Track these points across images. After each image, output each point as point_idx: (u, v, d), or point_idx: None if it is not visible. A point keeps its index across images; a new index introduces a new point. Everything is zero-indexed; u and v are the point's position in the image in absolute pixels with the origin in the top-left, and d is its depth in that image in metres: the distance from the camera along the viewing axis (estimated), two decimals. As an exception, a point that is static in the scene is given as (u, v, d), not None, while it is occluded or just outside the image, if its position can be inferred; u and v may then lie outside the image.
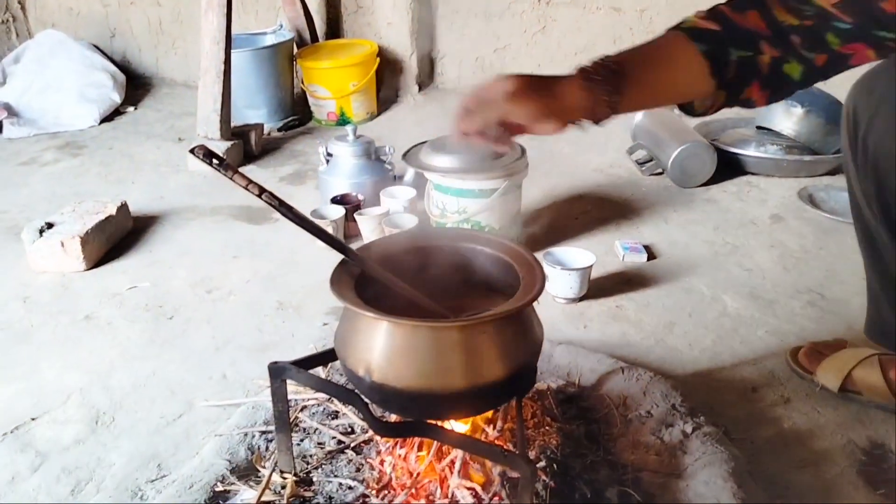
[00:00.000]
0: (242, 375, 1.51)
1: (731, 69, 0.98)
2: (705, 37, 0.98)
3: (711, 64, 0.97)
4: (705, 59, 0.97)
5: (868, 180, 1.23)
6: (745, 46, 0.98)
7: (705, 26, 0.99)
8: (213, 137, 2.70)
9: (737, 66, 0.98)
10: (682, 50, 0.99)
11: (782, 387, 1.46)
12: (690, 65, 0.98)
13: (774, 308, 1.74)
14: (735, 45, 0.98)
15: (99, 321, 1.73)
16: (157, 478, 1.23)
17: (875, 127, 1.18)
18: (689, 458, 1.18)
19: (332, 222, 2.03)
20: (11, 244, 2.09)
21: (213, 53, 2.63)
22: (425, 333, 0.90)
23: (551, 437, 1.15)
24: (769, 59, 0.98)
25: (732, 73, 0.99)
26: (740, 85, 1.01)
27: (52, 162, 2.85)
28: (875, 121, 1.18)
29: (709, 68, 0.97)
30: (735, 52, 0.97)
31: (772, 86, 1.01)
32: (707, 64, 0.97)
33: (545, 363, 1.44)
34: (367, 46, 3.26)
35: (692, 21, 1.00)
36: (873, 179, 1.21)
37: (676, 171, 2.43)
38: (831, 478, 1.22)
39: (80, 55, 3.51)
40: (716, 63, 0.98)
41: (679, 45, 0.99)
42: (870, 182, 1.22)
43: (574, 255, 1.80)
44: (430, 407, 0.93)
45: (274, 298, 1.82)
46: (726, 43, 0.97)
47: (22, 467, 1.27)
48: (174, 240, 2.16)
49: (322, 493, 1.09)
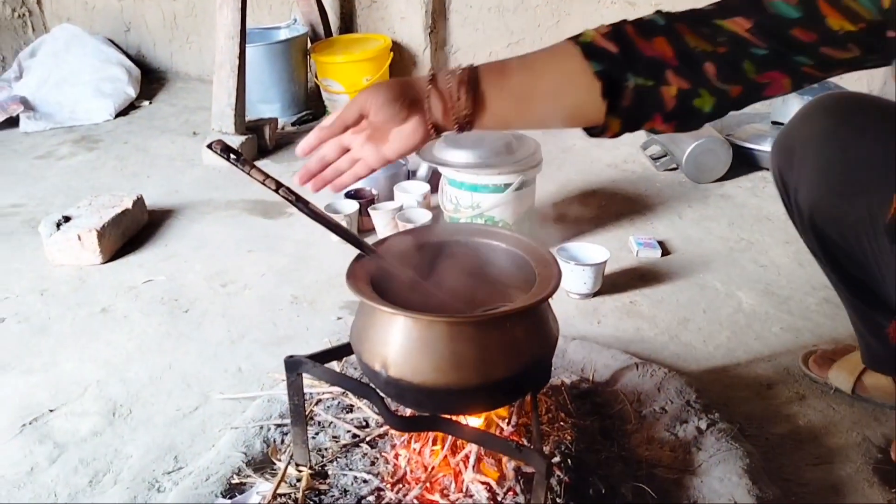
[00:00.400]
0: (257, 369, 1.52)
1: (627, 96, 0.89)
2: (601, 56, 0.89)
3: (604, 85, 0.88)
4: (598, 79, 0.88)
5: (810, 238, 1.23)
6: (647, 74, 0.88)
7: (603, 45, 0.89)
8: (228, 132, 2.71)
9: (634, 95, 0.89)
10: (572, 64, 0.89)
11: (797, 384, 1.45)
12: (579, 82, 0.89)
13: (789, 304, 1.73)
14: (634, 70, 0.88)
15: (115, 314, 1.75)
16: (174, 469, 1.25)
17: (802, 188, 1.17)
18: (704, 454, 1.18)
19: (346, 217, 2.04)
20: (29, 237, 2.11)
21: (227, 48, 2.63)
22: (441, 328, 0.90)
23: (566, 432, 1.15)
24: (676, 92, 0.89)
25: (629, 101, 0.89)
26: (639, 116, 0.92)
27: (69, 156, 2.87)
28: (800, 182, 1.17)
29: (601, 89, 0.88)
30: (633, 78, 0.88)
31: (678, 119, 0.92)
32: (600, 85, 0.88)
33: (559, 359, 1.44)
34: (381, 41, 3.26)
35: (591, 35, 0.91)
36: (814, 237, 1.21)
37: (691, 166, 2.42)
38: (846, 475, 1.22)
39: (96, 49, 3.53)
40: (609, 85, 0.88)
41: (570, 59, 0.90)
42: (812, 240, 1.22)
43: (588, 250, 1.80)
44: (446, 401, 0.93)
45: (288, 292, 1.83)
46: (625, 67, 0.88)
47: (40, 458, 1.29)
48: (189, 234, 2.18)
49: (337, 486, 1.10)
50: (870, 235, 1.09)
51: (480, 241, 1.10)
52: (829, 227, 1.15)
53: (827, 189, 1.13)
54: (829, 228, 1.16)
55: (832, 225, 1.15)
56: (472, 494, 1.03)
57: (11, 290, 1.86)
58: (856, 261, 1.16)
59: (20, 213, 2.33)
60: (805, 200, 1.17)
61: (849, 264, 1.19)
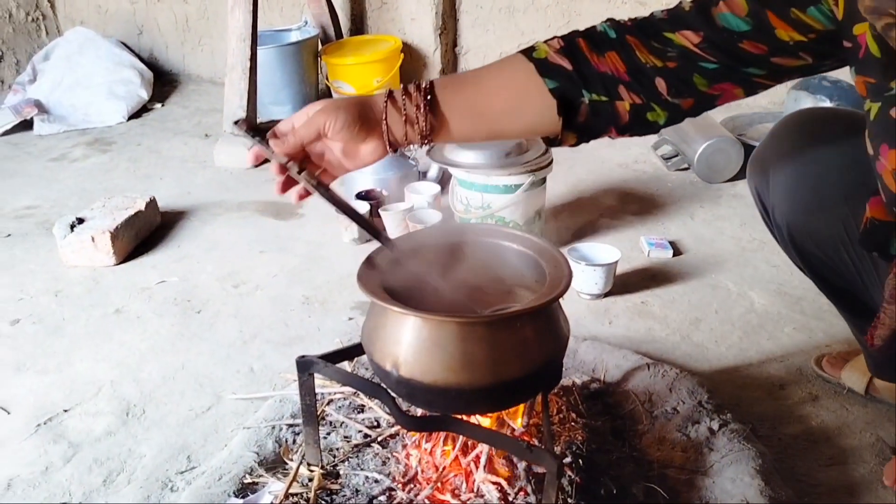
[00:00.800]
0: (269, 369, 1.53)
1: (583, 112, 0.91)
2: (556, 73, 0.90)
3: (560, 103, 0.90)
4: (553, 97, 0.90)
5: (792, 254, 1.23)
6: (601, 91, 0.90)
7: (557, 62, 0.90)
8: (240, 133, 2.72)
9: (589, 110, 0.91)
10: (526, 82, 0.91)
11: (810, 384, 1.44)
12: (534, 100, 0.91)
13: (802, 305, 1.72)
14: (589, 87, 0.90)
15: (129, 315, 1.76)
16: (187, 469, 1.25)
17: (777, 206, 1.18)
18: (716, 455, 1.18)
19: (357, 218, 2.04)
20: (43, 239, 2.13)
21: (239, 50, 2.65)
22: (453, 328, 0.90)
23: (577, 432, 1.15)
24: (629, 107, 0.91)
25: (584, 117, 0.92)
26: (595, 130, 0.95)
27: (82, 158, 2.89)
28: (775, 200, 1.17)
29: (556, 107, 0.90)
30: (588, 94, 0.90)
31: (633, 130, 0.95)
32: (555, 103, 0.90)
33: (571, 359, 1.44)
34: (391, 42, 3.27)
35: (544, 51, 0.92)
36: (795, 253, 1.21)
37: (702, 166, 2.41)
38: (860, 476, 1.21)
39: (109, 52, 3.55)
40: (565, 103, 0.90)
41: (523, 75, 0.91)
42: (794, 255, 1.22)
43: (599, 250, 1.80)
44: (457, 401, 0.93)
45: (300, 293, 1.84)
46: (579, 84, 0.90)
47: (55, 458, 1.30)
48: (201, 235, 2.19)
49: (349, 486, 1.10)
50: (847, 246, 1.10)
51: (491, 242, 1.10)
52: (807, 243, 1.16)
53: (801, 206, 1.14)
54: (808, 244, 1.16)
55: (809, 240, 1.16)
56: (484, 494, 1.03)
57: (26, 292, 1.88)
58: (838, 272, 1.17)
59: (34, 215, 2.35)
60: (781, 218, 1.17)
61: (832, 276, 1.20)
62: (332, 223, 2.17)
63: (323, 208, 2.31)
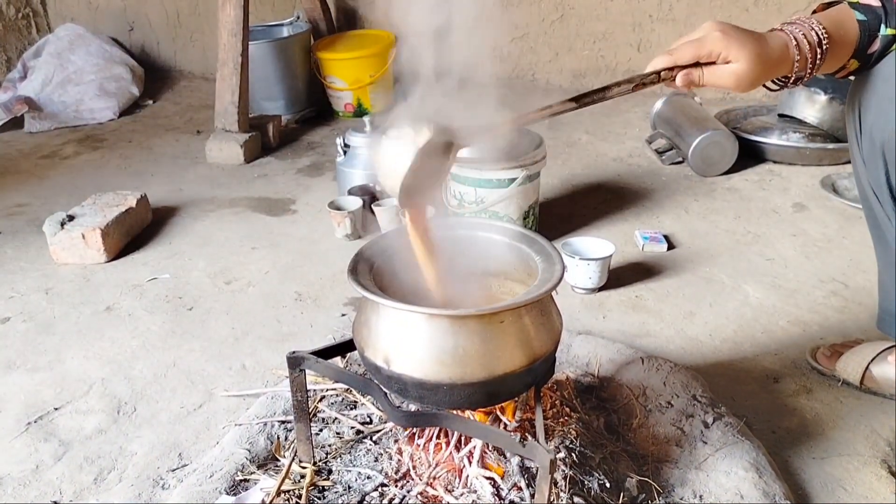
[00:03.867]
0: (262, 366, 1.52)
1: (875, 44, 1.03)
2: (864, 9, 1.03)
3: (861, 34, 1.02)
4: (858, 28, 1.02)
5: (878, 168, 1.20)
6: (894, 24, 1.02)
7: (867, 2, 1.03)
8: (231, 129, 2.71)
9: (881, 43, 1.03)
10: (850, 17, 1.03)
11: (804, 377, 1.44)
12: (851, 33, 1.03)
13: (796, 298, 1.72)
14: (887, 21, 1.02)
15: (120, 312, 1.75)
16: (178, 467, 1.24)
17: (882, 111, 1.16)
18: (710, 448, 1.17)
19: (349, 213, 2.03)
20: (33, 237, 2.12)
21: (230, 45, 2.64)
22: (444, 323, 0.90)
23: (570, 427, 1.14)
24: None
25: (874, 48, 1.04)
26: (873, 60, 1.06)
27: (73, 155, 2.87)
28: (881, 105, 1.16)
29: (857, 38, 1.02)
30: (885, 28, 1.02)
31: None
32: (858, 33, 1.02)
33: (564, 353, 1.44)
34: (384, 37, 3.25)
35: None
36: (882, 164, 1.19)
37: (697, 159, 2.41)
38: (854, 468, 1.21)
39: (100, 49, 3.54)
40: (865, 34, 1.03)
41: (848, 12, 1.03)
42: (880, 170, 1.20)
43: (593, 244, 1.79)
44: (449, 396, 0.93)
45: (292, 289, 1.83)
46: (881, 18, 1.02)
47: (45, 456, 1.29)
48: (193, 231, 2.18)
49: (341, 482, 1.10)
50: None
51: (483, 236, 1.10)
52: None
53: None
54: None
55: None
56: (476, 490, 1.02)
57: (16, 289, 1.86)
58: None
59: (25, 213, 2.33)
60: (881, 128, 1.16)
61: None
62: (324, 219, 2.16)
63: (315, 204, 2.32)
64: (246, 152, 2.70)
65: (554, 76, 3.46)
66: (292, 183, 2.54)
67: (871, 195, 1.23)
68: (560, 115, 0.99)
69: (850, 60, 1.05)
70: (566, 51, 3.39)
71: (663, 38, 3.19)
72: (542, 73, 3.47)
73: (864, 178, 1.23)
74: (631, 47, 3.30)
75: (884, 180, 1.19)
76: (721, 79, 1.00)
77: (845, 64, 1.06)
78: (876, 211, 1.24)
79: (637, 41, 3.28)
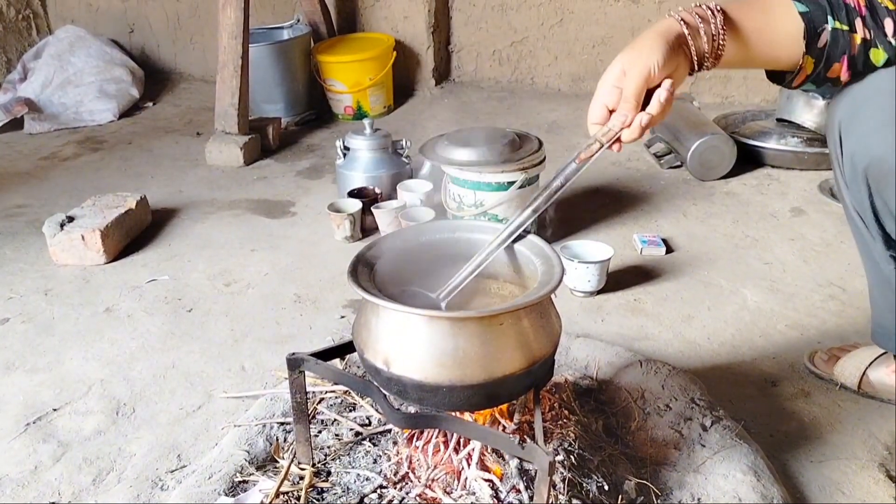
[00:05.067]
0: (261, 367, 1.52)
1: (823, 38, 0.98)
2: (806, 1, 0.98)
3: (807, 27, 0.97)
4: (802, 20, 0.97)
5: (861, 192, 1.18)
6: (843, 20, 0.98)
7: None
8: (231, 131, 2.72)
9: (830, 37, 0.98)
10: (779, 4, 0.99)
11: (802, 381, 1.44)
12: (787, 22, 0.98)
13: (794, 301, 1.72)
14: (834, 15, 0.98)
15: (119, 313, 1.75)
16: (177, 468, 1.25)
17: (862, 135, 1.14)
18: (708, 451, 1.18)
19: (349, 215, 2.04)
20: (33, 238, 2.12)
21: (230, 48, 2.64)
22: (443, 325, 0.90)
23: (569, 429, 1.15)
24: (860, 40, 0.98)
25: (823, 42, 0.99)
26: (830, 58, 1.00)
27: (73, 157, 2.88)
28: (861, 129, 1.14)
29: (804, 30, 0.98)
30: (832, 21, 0.98)
31: (855, 68, 1.01)
32: (803, 26, 0.97)
33: (563, 356, 1.44)
34: (384, 40, 3.26)
35: None
36: (865, 187, 1.17)
37: (695, 163, 2.42)
38: (852, 472, 1.21)
39: (100, 51, 3.54)
40: (811, 27, 0.98)
41: (781, 1, 0.99)
42: (863, 193, 1.18)
43: (592, 248, 1.79)
44: (448, 398, 0.93)
45: (291, 291, 1.83)
46: (825, 11, 0.98)
47: (44, 457, 1.29)
48: (193, 233, 2.18)
49: (340, 483, 1.10)
50: None
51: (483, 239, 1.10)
52: (883, 182, 1.12)
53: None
54: (883, 183, 1.12)
55: (886, 180, 1.12)
56: (475, 492, 1.02)
57: (16, 290, 1.86)
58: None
59: (25, 214, 2.33)
60: (863, 149, 1.13)
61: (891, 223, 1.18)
62: (324, 222, 2.16)
63: (315, 206, 2.32)
64: (246, 154, 2.70)
65: (553, 80, 3.46)
66: (292, 185, 2.54)
67: (856, 216, 1.23)
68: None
69: (805, 57, 1.00)
70: (565, 55, 3.39)
71: (662, 43, 3.19)
72: (542, 77, 3.48)
73: (848, 200, 1.23)
74: (630, 51, 3.30)
75: (868, 204, 1.19)
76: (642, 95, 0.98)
77: (802, 63, 1.01)
78: (861, 231, 1.24)
79: (636, 45, 3.29)
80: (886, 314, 1.29)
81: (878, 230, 1.20)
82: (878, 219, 1.18)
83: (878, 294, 1.30)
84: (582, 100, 3.26)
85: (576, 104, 3.22)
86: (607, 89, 1.00)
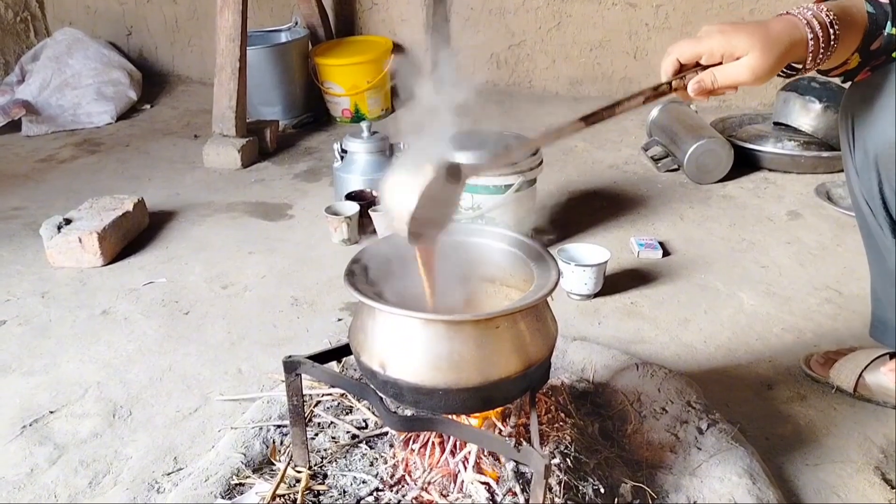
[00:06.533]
0: (257, 370, 1.52)
1: (878, 41, 1.01)
2: (874, 3, 1.00)
3: (869, 27, 1.00)
4: (868, 21, 1.00)
5: (871, 179, 1.20)
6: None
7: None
8: (229, 134, 2.72)
9: (884, 41, 1.01)
10: (857, 4, 1.00)
11: (798, 384, 1.45)
12: (860, 20, 1.00)
13: (791, 305, 1.73)
14: (893, 21, 1.00)
15: (116, 316, 1.75)
16: (174, 471, 1.25)
17: (873, 126, 1.16)
18: (704, 454, 1.18)
19: (346, 218, 2.04)
20: (30, 240, 2.12)
21: (228, 50, 2.64)
22: (439, 328, 0.90)
23: (565, 432, 1.15)
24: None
25: (877, 45, 1.01)
26: (873, 58, 1.03)
27: (70, 159, 2.87)
28: (872, 120, 1.16)
29: (866, 28, 1.00)
30: (890, 27, 1.00)
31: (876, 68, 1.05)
32: (867, 25, 1.00)
33: (559, 359, 1.44)
34: (382, 43, 3.26)
35: None
36: (875, 174, 1.19)
37: (692, 167, 2.42)
38: (847, 475, 1.21)
39: (98, 53, 3.54)
40: (872, 28, 1.00)
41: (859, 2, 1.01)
42: (873, 181, 1.20)
43: (589, 251, 1.80)
44: (444, 401, 0.93)
45: (288, 294, 1.83)
46: (888, 15, 1.00)
47: (40, 460, 1.28)
48: (190, 236, 2.18)
49: (336, 486, 1.10)
50: None
51: (480, 242, 1.10)
52: (893, 169, 1.14)
53: None
54: (893, 169, 1.14)
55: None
56: (471, 495, 1.03)
57: (13, 293, 1.86)
58: None
59: (22, 216, 2.33)
60: (875, 136, 1.15)
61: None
62: (321, 224, 2.16)
63: (312, 209, 2.32)
64: (243, 157, 2.70)
65: (551, 83, 3.47)
66: (289, 188, 2.54)
67: (864, 205, 1.23)
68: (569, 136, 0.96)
69: (853, 55, 1.02)
70: (563, 58, 3.40)
71: (659, 47, 3.20)
72: (539, 81, 3.48)
73: (857, 188, 1.24)
74: (627, 55, 3.32)
75: (877, 191, 1.20)
76: (736, 76, 0.96)
77: (847, 59, 1.03)
78: (868, 220, 1.25)
79: (633, 49, 3.30)
80: (887, 308, 1.29)
81: (885, 217, 1.21)
82: (886, 206, 1.19)
83: (880, 288, 1.31)
84: (580, 103, 3.28)
85: (573, 107, 3.23)
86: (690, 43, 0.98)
